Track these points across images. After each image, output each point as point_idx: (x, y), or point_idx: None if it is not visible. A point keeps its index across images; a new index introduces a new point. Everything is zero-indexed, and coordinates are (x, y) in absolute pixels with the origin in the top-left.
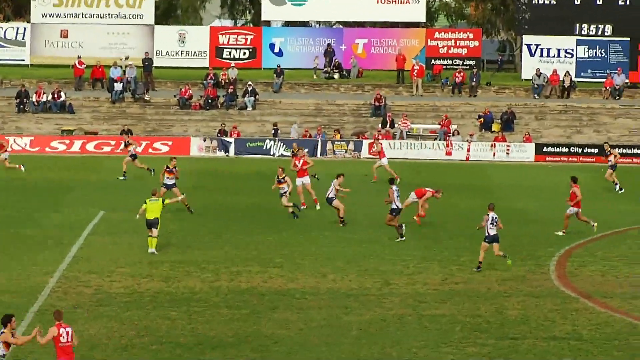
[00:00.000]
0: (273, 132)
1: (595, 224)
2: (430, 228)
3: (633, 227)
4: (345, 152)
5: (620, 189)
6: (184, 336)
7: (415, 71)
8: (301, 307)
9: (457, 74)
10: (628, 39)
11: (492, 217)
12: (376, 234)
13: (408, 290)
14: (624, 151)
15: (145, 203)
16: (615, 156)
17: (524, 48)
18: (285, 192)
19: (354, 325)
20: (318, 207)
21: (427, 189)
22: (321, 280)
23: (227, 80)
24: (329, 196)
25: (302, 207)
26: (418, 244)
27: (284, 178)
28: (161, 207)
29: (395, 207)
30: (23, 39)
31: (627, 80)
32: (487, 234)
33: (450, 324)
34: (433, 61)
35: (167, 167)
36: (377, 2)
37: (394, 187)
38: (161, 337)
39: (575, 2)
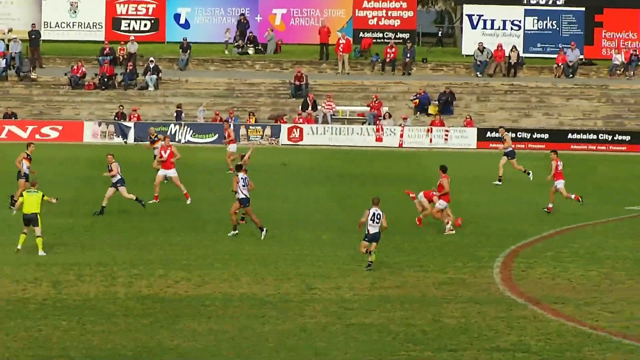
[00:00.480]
0: (175, 114)
1: (452, 231)
2: (356, 225)
3: (587, 223)
4: (261, 138)
5: (528, 173)
6: (76, 349)
7: (341, 46)
8: (210, 316)
9: (388, 49)
10: (583, 8)
11: (374, 213)
12: (296, 232)
13: (332, 296)
14: (579, 137)
15: (22, 196)
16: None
17: (465, 19)
18: (118, 182)
19: (270, 336)
20: (189, 202)
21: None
22: (234, 285)
23: (125, 56)
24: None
25: (155, 200)
26: (344, 243)
27: (111, 166)
28: (40, 201)
29: (244, 196)
30: None
31: (581, 56)
32: (367, 232)
33: (380, 334)
34: (361, 34)
35: (26, 154)
36: None
37: (241, 175)
38: (50, 350)
39: None
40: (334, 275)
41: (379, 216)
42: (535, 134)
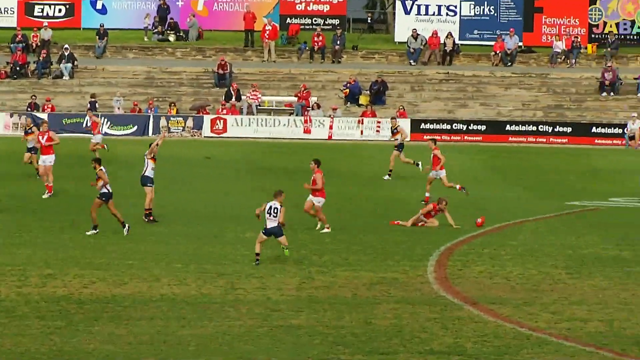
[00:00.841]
0: (89, 105)
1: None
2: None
3: (528, 219)
4: (183, 129)
5: (417, 164)
6: None
7: (267, 32)
8: (129, 318)
9: (317, 36)
10: None
11: (271, 207)
12: (220, 229)
13: (258, 297)
14: (517, 128)
15: None
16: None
17: (398, 4)
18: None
19: (192, 340)
20: (45, 196)
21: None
22: (153, 286)
23: (38, 43)
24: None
25: (49, 193)
26: (270, 241)
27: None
28: None
29: (106, 191)
30: None
31: (520, 44)
32: (265, 225)
33: (309, 336)
34: (288, 20)
35: None
36: None
37: (103, 169)
38: None
39: None
40: (260, 275)
41: (276, 210)
42: (472, 125)
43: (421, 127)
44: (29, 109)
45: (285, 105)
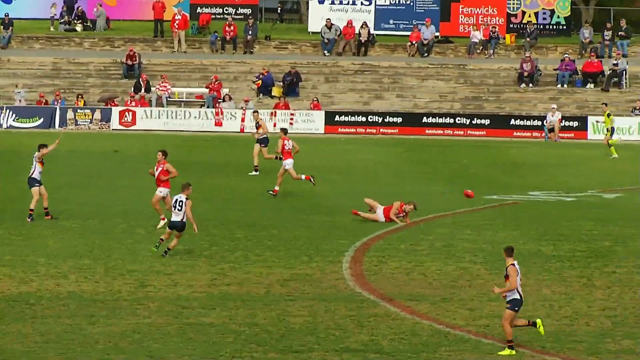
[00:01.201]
0: None
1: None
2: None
3: (444, 213)
4: (91, 122)
5: (280, 158)
6: None
7: (177, 22)
8: (36, 316)
9: (228, 26)
10: None
11: (176, 200)
12: (129, 225)
13: (168, 294)
14: (434, 120)
15: None
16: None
17: None
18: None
19: (101, 338)
20: None
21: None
22: (61, 283)
23: None
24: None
25: None
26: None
27: None
28: None
29: None
30: None
31: (437, 34)
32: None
33: (221, 334)
34: (199, 9)
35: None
36: None
37: None
38: None
39: None
40: (170, 271)
41: (181, 203)
42: (388, 117)
43: (336, 119)
44: None
45: (196, 97)
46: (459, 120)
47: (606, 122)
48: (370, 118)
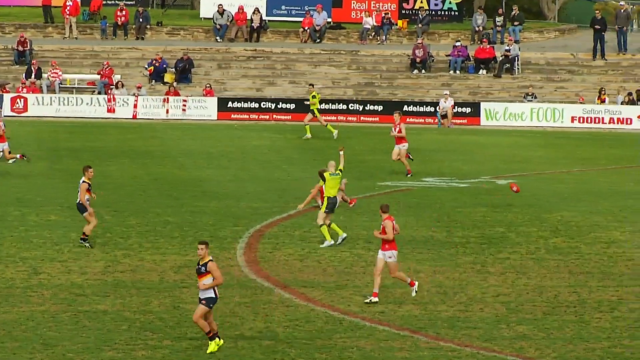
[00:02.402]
0: None
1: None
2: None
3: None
4: None
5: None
6: None
7: (68, 8)
8: None
9: (119, 12)
10: None
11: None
12: (21, 212)
13: (62, 281)
14: (327, 107)
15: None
16: None
17: None
18: None
19: None
20: None
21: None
22: None
23: None
24: None
25: None
26: (74, 223)
27: None
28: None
29: None
30: None
31: (329, 20)
32: None
33: (115, 322)
34: None
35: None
36: None
37: None
38: None
39: None
40: (64, 259)
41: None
42: (281, 103)
43: (228, 105)
44: None
45: (87, 83)
46: (352, 106)
47: (313, 104)
48: (263, 104)
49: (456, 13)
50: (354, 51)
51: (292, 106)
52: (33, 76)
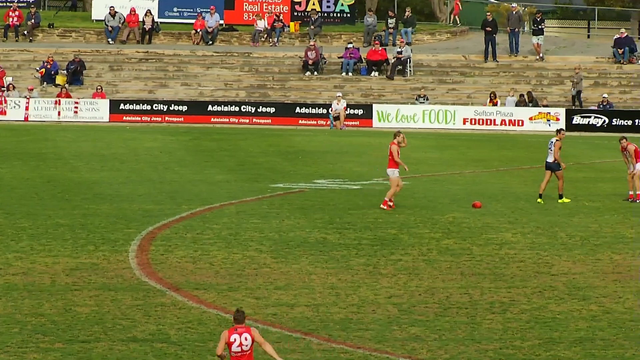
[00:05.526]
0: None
1: None
2: None
3: (231, 201)
4: None
5: None
6: None
7: None
8: None
9: (11, 13)
10: None
11: None
12: None
13: None
14: (220, 109)
15: None
16: None
17: None
18: None
19: None
20: None
21: None
22: None
23: None
24: None
25: None
26: None
27: None
28: None
29: None
30: None
31: (221, 22)
32: None
33: (7, 325)
34: None
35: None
36: None
37: None
38: None
39: None
40: None
41: None
42: (173, 105)
43: (120, 107)
44: None
45: None
46: (244, 108)
47: None
48: (156, 106)
49: (348, 15)
50: (246, 53)
51: (184, 108)
52: None
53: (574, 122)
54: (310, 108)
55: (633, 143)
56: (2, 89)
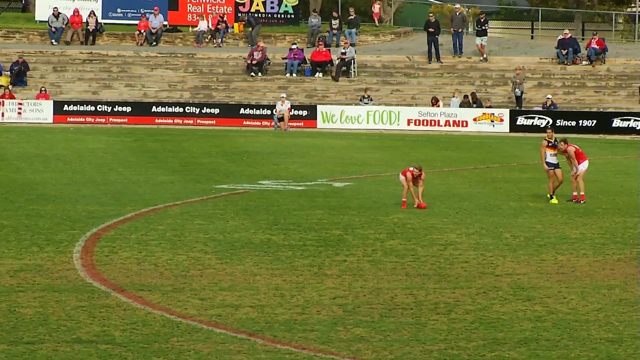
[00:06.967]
0: None
1: None
2: None
3: (176, 202)
4: None
5: None
6: None
7: None
8: None
9: None
10: None
11: None
12: None
13: None
14: (164, 110)
15: None
16: None
17: None
18: None
19: None
20: None
21: None
22: None
23: None
24: None
25: None
26: None
27: None
28: None
29: None
30: None
31: (165, 23)
32: None
33: None
34: None
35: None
36: None
37: None
38: None
39: None
40: None
41: None
42: (117, 107)
43: (64, 109)
44: None
45: None
46: (188, 109)
47: None
48: (99, 107)
49: (292, 16)
50: (190, 54)
51: (128, 109)
52: None
53: (518, 122)
54: (254, 109)
55: (573, 144)
56: None
